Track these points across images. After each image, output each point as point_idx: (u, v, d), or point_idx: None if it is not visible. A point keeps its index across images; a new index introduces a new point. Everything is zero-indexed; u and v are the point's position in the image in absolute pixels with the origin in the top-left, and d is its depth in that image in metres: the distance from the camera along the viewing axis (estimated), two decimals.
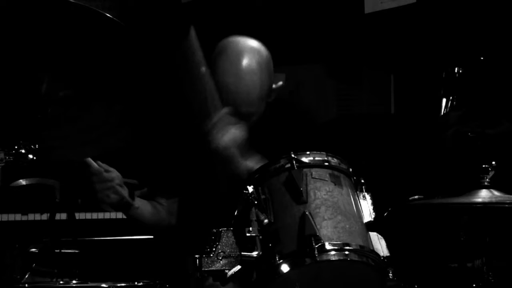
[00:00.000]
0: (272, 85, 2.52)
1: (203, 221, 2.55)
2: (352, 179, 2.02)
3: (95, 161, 2.39)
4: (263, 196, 1.92)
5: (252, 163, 2.29)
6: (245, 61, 2.40)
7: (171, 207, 2.65)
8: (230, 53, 2.42)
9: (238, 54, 2.41)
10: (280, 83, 2.53)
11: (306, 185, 1.91)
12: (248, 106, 2.42)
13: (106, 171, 2.41)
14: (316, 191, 1.91)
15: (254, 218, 1.88)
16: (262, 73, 2.42)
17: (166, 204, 2.64)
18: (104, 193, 2.41)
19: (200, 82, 2.32)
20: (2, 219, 3.52)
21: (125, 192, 2.45)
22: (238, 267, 1.88)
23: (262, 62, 2.43)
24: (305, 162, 1.96)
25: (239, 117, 2.40)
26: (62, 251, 3.12)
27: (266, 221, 1.88)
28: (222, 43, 2.47)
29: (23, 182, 3.68)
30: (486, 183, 2.68)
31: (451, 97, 3.43)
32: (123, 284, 2.37)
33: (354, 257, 1.84)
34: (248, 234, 1.85)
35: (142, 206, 2.56)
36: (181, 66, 2.36)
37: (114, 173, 2.43)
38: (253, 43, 2.46)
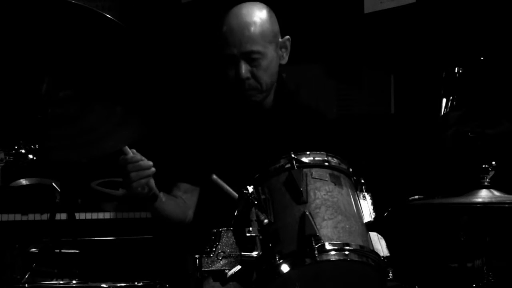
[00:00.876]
0: (277, 32, 2.59)
1: (203, 221, 2.56)
2: (352, 179, 2.02)
3: (130, 149, 2.27)
4: (263, 196, 1.92)
5: None
6: (244, 6, 2.56)
7: (189, 201, 2.61)
8: (234, 8, 2.58)
9: (241, 6, 2.58)
10: (287, 36, 2.63)
11: (306, 185, 1.91)
12: (252, 43, 2.49)
13: (141, 159, 2.31)
14: (316, 191, 1.91)
15: (254, 218, 1.88)
16: (261, 13, 2.54)
17: (183, 198, 2.60)
18: (139, 183, 2.28)
19: None
20: (2, 219, 3.51)
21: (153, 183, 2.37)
22: (238, 267, 1.88)
23: (262, 7, 2.58)
24: (305, 162, 1.96)
25: (248, 62, 2.49)
26: (62, 251, 3.12)
27: (266, 221, 1.88)
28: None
29: (23, 182, 3.68)
30: (486, 183, 2.68)
31: (451, 97, 3.43)
32: (123, 284, 2.37)
33: (354, 257, 1.84)
34: (248, 234, 1.85)
35: (166, 199, 2.49)
36: None
37: (150, 162, 2.32)
38: (255, 2, 2.62)
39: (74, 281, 2.45)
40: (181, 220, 2.58)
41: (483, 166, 2.70)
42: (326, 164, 1.98)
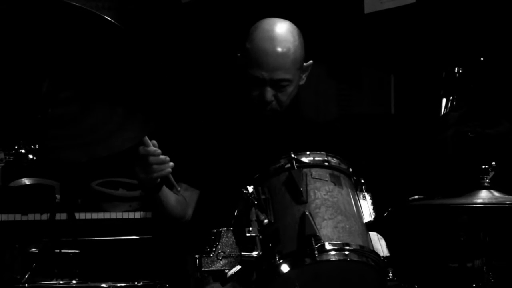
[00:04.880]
0: (304, 57, 2.58)
1: (203, 220, 2.56)
2: (352, 179, 2.02)
3: (150, 140, 2.29)
4: (263, 196, 1.92)
5: None
6: (279, 28, 2.52)
7: (189, 199, 2.60)
8: (265, 24, 2.54)
9: (273, 24, 2.54)
10: (310, 61, 2.62)
11: (306, 185, 1.91)
12: (283, 71, 2.48)
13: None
14: (316, 191, 1.91)
15: (254, 218, 1.88)
16: (295, 40, 2.52)
17: (183, 195, 2.58)
18: (160, 174, 2.32)
19: None
20: (2, 219, 3.51)
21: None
22: (238, 267, 1.88)
23: (294, 31, 2.55)
24: (305, 162, 1.96)
25: (275, 88, 2.49)
26: (62, 251, 3.12)
27: (266, 221, 1.88)
28: (256, 23, 2.59)
29: (23, 182, 3.68)
30: (486, 184, 2.68)
31: (451, 97, 3.43)
32: (123, 284, 2.37)
33: (354, 257, 1.84)
34: (248, 234, 1.85)
35: (168, 193, 2.49)
36: None
37: (167, 157, 2.35)
38: (284, 20, 2.60)
39: (74, 281, 2.46)
40: (181, 216, 2.58)
41: (483, 166, 2.70)
42: (326, 164, 1.98)
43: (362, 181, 2.03)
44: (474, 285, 2.82)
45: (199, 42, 4.31)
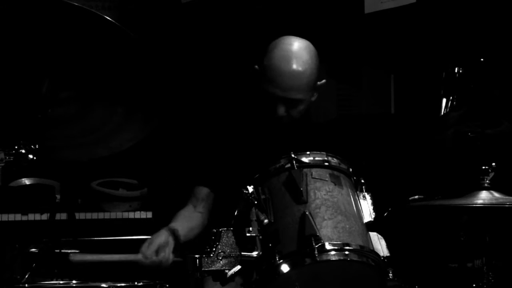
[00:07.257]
0: (318, 76, 2.60)
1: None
2: (352, 179, 2.02)
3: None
4: (263, 196, 1.92)
5: None
6: (297, 49, 2.53)
7: (204, 209, 2.62)
8: (284, 43, 2.56)
9: (291, 44, 2.55)
10: (324, 80, 2.65)
11: (306, 185, 1.91)
12: (297, 91, 2.50)
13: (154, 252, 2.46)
14: (316, 191, 1.91)
15: (254, 218, 1.88)
16: (312, 62, 2.54)
17: (200, 208, 2.62)
18: (165, 264, 2.46)
19: None
20: (2, 219, 3.51)
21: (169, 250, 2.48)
22: (238, 267, 1.88)
23: (312, 52, 2.57)
24: (305, 162, 1.96)
25: (288, 106, 2.50)
26: (62, 251, 3.12)
27: (266, 221, 1.88)
28: (275, 40, 2.61)
29: (23, 182, 3.68)
30: (486, 185, 2.67)
31: (451, 97, 3.43)
32: (123, 284, 2.37)
33: (354, 257, 1.85)
34: (248, 234, 1.86)
35: (185, 231, 2.53)
36: None
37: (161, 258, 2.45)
38: (303, 40, 2.62)
39: (74, 281, 2.46)
40: (200, 232, 2.61)
41: (483, 167, 2.69)
42: (326, 164, 1.98)
43: (362, 181, 2.03)
44: (474, 285, 2.82)
45: (199, 42, 4.31)
